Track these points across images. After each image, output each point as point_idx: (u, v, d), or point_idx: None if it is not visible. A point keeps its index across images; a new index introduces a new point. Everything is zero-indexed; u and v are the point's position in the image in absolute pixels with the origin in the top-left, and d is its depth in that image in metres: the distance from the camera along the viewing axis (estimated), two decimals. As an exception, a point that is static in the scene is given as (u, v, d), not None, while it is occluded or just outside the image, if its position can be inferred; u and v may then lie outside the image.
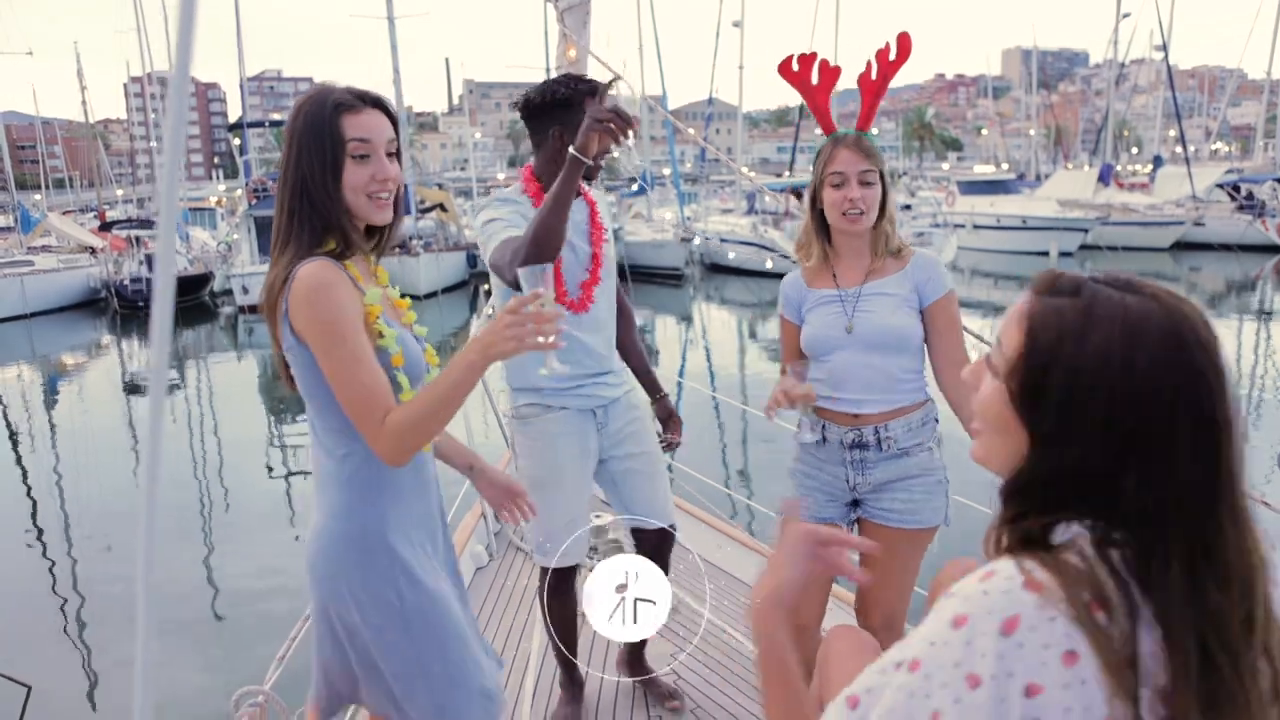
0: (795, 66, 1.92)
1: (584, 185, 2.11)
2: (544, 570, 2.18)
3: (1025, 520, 0.79)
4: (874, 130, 1.93)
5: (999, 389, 0.83)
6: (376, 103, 1.36)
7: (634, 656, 2.39)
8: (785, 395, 1.81)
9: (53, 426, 11.19)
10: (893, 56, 1.84)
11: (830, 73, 1.91)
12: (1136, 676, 0.71)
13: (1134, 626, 0.71)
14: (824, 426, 1.91)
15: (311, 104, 1.35)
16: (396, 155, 1.39)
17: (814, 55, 1.92)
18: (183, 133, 0.74)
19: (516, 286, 1.66)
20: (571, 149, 1.71)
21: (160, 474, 0.72)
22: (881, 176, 1.84)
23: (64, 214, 30.05)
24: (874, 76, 1.86)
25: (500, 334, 1.24)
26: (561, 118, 1.96)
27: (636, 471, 2.16)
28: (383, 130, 1.36)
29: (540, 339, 1.24)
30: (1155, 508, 0.74)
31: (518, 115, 2.06)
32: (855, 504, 1.95)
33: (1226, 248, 21.77)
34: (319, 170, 1.33)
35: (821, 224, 1.90)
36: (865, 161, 1.82)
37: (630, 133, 1.73)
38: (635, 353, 2.28)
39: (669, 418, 2.33)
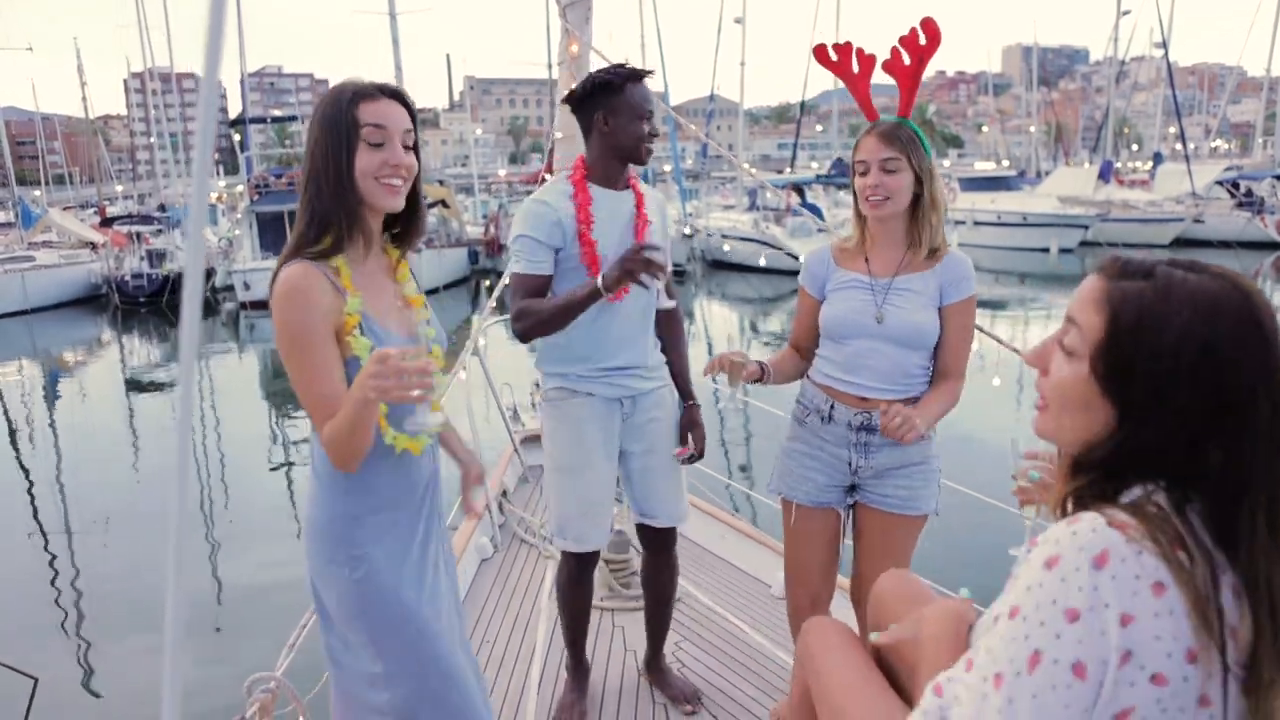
0: (833, 56, 1.92)
1: (634, 175, 2.11)
2: (563, 555, 2.19)
3: (1095, 485, 0.83)
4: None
5: (1080, 369, 0.86)
6: (395, 94, 1.39)
7: (650, 653, 2.40)
8: (722, 360, 1.86)
9: (53, 422, 11.22)
10: (923, 41, 1.83)
11: (868, 60, 1.91)
12: (1221, 616, 0.74)
13: (1214, 571, 0.75)
14: (832, 406, 1.94)
15: (333, 93, 1.39)
16: (415, 149, 1.41)
17: (849, 44, 1.92)
18: (212, 132, 0.76)
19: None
20: (599, 281, 1.83)
21: (189, 472, 0.74)
22: (912, 165, 1.83)
23: (64, 210, 30.03)
24: (907, 62, 1.86)
25: (365, 383, 1.22)
26: (603, 102, 1.99)
27: (651, 469, 2.15)
28: (399, 119, 1.38)
29: (403, 391, 1.21)
30: (1238, 471, 0.78)
31: (518, 111, 2.10)
32: (852, 489, 1.98)
33: (1226, 245, 21.76)
34: (331, 154, 1.35)
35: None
36: (888, 149, 1.82)
37: (660, 276, 1.82)
38: (675, 354, 2.20)
39: (692, 428, 2.17)
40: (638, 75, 2.00)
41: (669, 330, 2.21)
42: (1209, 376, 0.78)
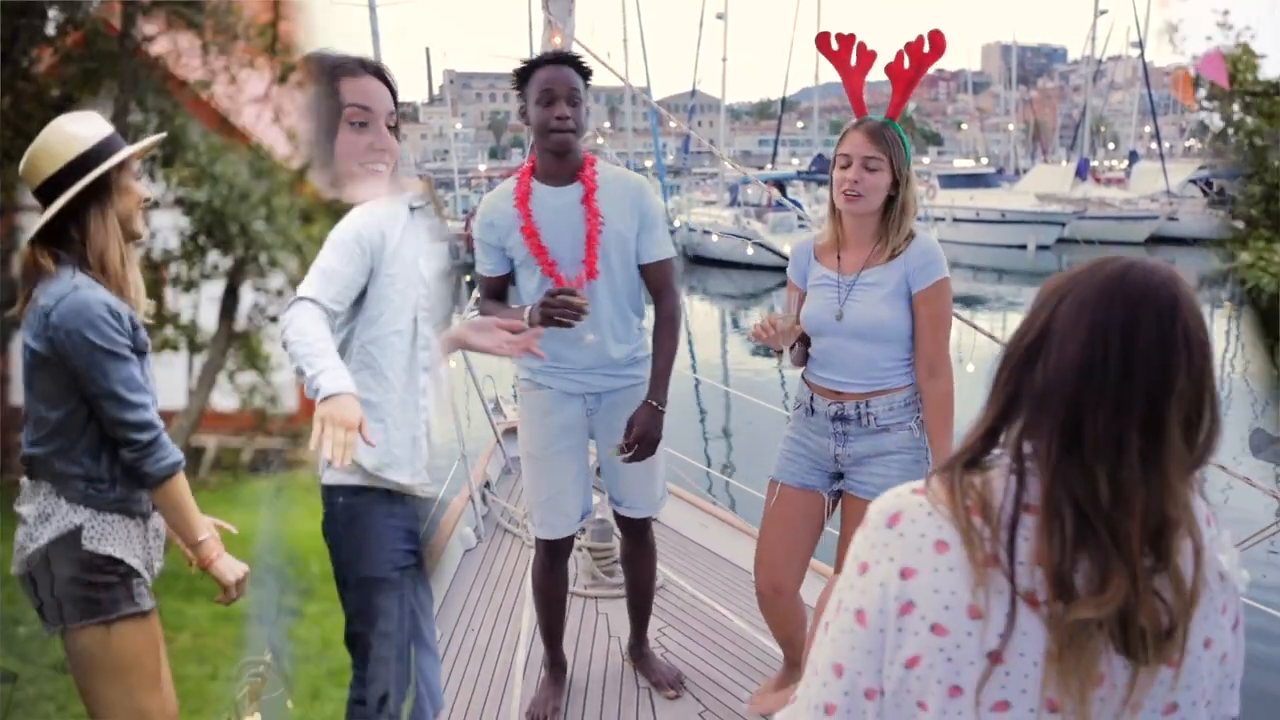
0: (835, 45, 1.94)
1: (590, 166, 1.99)
2: (536, 542, 2.24)
3: (988, 418, 0.87)
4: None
5: None
6: (377, 71, 1.28)
7: (634, 638, 2.43)
8: (772, 324, 1.87)
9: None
10: (926, 49, 1.86)
11: (867, 56, 1.94)
12: (1010, 573, 0.78)
13: (1013, 534, 0.80)
14: (812, 399, 1.99)
15: (309, 67, 1.28)
16: (395, 130, 1.30)
17: (853, 37, 1.94)
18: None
19: None
20: (526, 315, 1.82)
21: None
22: (893, 166, 1.85)
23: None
24: (906, 67, 1.89)
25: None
26: (521, 92, 1.96)
27: (622, 464, 2.13)
28: (383, 99, 1.28)
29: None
30: (1057, 389, 0.81)
31: (499, 106, 2.09)
32: (839, 476, 2.02)
33: (1199, 241, 22.16)
34: (310, 135, 1.24)
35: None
36: (872, 148, 1.84)
37: (582, 318, 1.80)
38: (660, 356, 2.06)
39: (634, 424, 1.99)
40: (545, 60, 1.90)
41: (660, 330, 2.08)
42: (1056, 299, 0.82)
